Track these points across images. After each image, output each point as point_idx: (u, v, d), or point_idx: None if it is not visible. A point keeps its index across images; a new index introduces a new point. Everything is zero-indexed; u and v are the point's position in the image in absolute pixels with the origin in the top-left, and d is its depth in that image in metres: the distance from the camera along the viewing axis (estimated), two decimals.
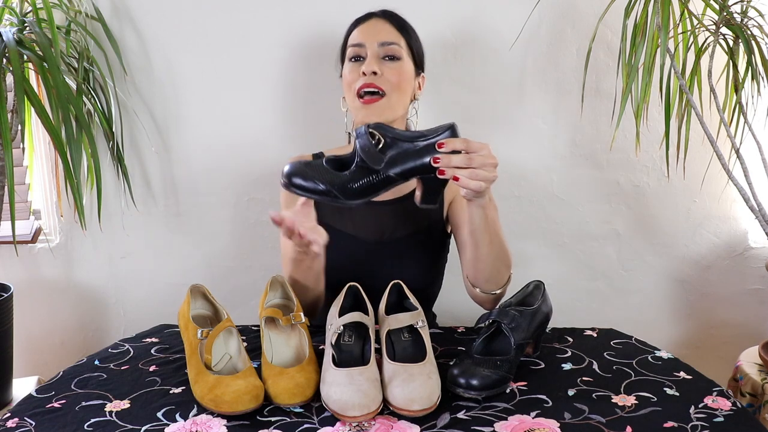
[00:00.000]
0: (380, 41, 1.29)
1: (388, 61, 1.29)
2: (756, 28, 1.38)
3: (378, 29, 1.32)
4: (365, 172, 0.94)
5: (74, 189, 1.42)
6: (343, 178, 0.94)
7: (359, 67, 1.29)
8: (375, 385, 0.93)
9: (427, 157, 0.94)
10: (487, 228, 1.09)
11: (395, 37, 1.31)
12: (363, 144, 0.93)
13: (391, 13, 1.36)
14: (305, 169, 0.94)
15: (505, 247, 1.15)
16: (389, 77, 1.28)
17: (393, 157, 0.93)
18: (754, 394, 1.42)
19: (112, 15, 1.59)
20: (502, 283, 1.19)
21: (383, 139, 0.93)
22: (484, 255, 1.13)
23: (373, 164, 0.93)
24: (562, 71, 1.62)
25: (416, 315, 1.04)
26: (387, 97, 1.28)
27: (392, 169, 0.94)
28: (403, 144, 0.94)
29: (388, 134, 0.94)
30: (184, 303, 1.12)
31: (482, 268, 1.15)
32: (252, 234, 1.72)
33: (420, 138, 0.95)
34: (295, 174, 0.94)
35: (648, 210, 1.71)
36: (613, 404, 0.94)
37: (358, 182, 0.94)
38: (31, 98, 1.36)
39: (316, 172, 0.94)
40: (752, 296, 1.75)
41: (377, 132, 0.94)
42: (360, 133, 0.94)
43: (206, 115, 1.65)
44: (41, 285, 1.75)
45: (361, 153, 0.93)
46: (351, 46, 1.32)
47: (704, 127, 1.38)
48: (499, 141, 1.66)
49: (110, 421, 0.92)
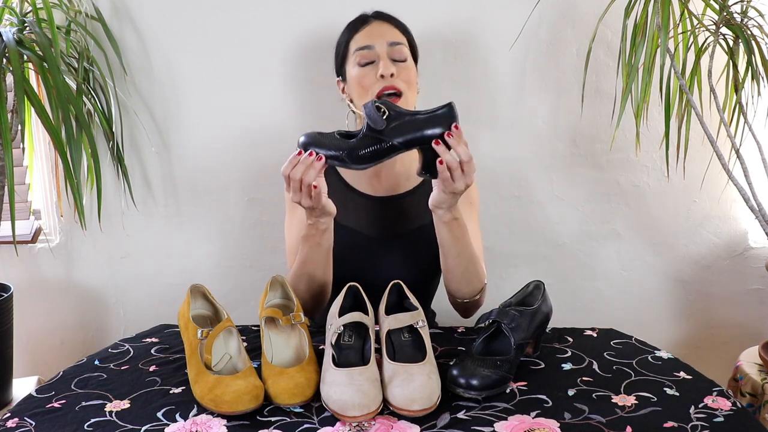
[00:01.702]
0: (389, 41, 1.31)
1: (398, 62, 1.31)
2: (756, 28, 1.38)
3: (382, 31, 1.33)
4: (371, 140, 1.06)
5: (74, 189, 1.42)
6: (351, 145, 1.06)
7: (372, 70, 1.30)
8: (375, 385, 0.93)
9: (426, 129, 1.06)
10: (453, 244, 1.18)
11: (400, 37, 1.33)
12: (369, 112, 1.05)
13: (385, 14, 1.37)
14: (319, 137, 1.08)
15: (476, 262, 1.23)
16: (403, 78, 1.30)
17: (396, 126, 1.06)
18: (754, 394, 1.42)
19: (112, 15, 1.59)
20: (473, 294, 1.26)
21: (388, 112, 1.06)
22: (451, 266, 1.22)
23: (381, 131, 1.05)
24: (562, 71, 1.62)
25: (416, 315, 1.04)
26: (404, 97, 1.31)
27: (396, 138, 1.06)
28: (405, 116, 1.07)
29: (392, 108, 1.07)
30: (184, 303, 1.12)
31: (450, 277, 1.25)
32: (252, 234, 1.72)
33: (421, 113, 1.08)
34: (309, 142, 1.07)
35: (648, 210, 1.71)
36: (613, 404, 0.94)
37: (364, 149, 1.06)
38: (31, 98, 1.36)
39: (328, 139, 1.07)
40: (752, 296, 1.74)
41: (383, 106, 1.07)
42: (367, 106, 1.07)
43: (206, 115, 1.65)
44: (41, 285, 1.75)
45: (368, 120, 1.05)
46: (358, 50, 1.31)
47: (704, 127, 1.38)
48: (499, 141, 1.66)
49: (110, 421, 0.92)
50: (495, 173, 1.67)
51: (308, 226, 1.17)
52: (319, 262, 1.21)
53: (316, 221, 1.16)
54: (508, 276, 1.73)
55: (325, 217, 1.15)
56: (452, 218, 1.15)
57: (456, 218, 1.15)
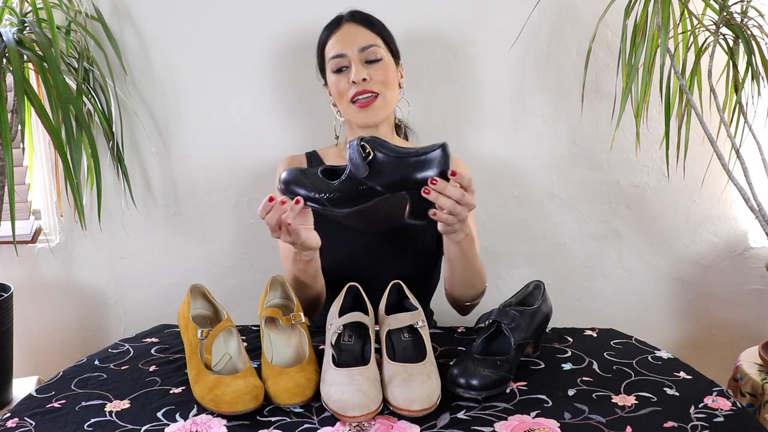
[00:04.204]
0: (359, 47, 1.31)
1: (371, 64, 1.31)
2: (756, 28, 1.38)
3: (353, 35, 1.33)
4: (353, 183, 0.97)
5: (74, 189, 1.42)
6: (332, 187, 0.98)
7: (346, 76, 1.31)
8: (375, 385, 0.93)
9: (415, 173, 0.96)
10: (461, 258, 1.19)
11: (371, 38, 1.33)
12: (351, 155, 0.97)
13: (359, 12, 1.37)
14: (300, 177, 1.00)
15: (479, 270, 1.26)
16: (378, 78, 1.31)
17: (380, 169, 0.96)
18: (754, 394, 1.42)
19: (112, 15, 1.59)
20: (476, 297, 1.30)
21: (373, 152, 0.96)
22: (458, 278, 1.25)
23: (361, 174, 0.96)
24: (562, 71, 1.62)
25: (416, 315, 1.04)
26: (381, 96, 1.32)
27: (378, 181, 0.97)
28: (392, 158, 0.96)
29: (379, 148, 0.97)
30: (184, 303, 1.12)
31: (455, 286, 1.27)
32: (252, 234, 1.72)
33: (411, 155, 0.97)
34: (290, 181, 1.01)
35: (648, 210, 1.71)
36: (613, 404, 0.94)
37: (345, 192, 0.98)
38: (31, 98, 1.36)
39: (310, 180, 0.99)
40: (752, 296, 1.74)
41: (368, 145, 0.97)
42: (351, 145, 0.97)
43: (206, 115, 1.65)
44: (41, 285, 1.75)
45: (350, 163, 0.97)
46: (332, 59, 1.33)
47: (704, 127, 1.38)
48: (499, 141, 1.66)
49: (110, 421, 0.92)
50: (495, 173, 1.67)
51: (293, 253, 1.18)
52: (308, 279, 1.22)
53: (299, 252, 1.16)
54: (508, 276, 1.73)
55: (307, 251, 1.15)
56: (464, 236, 1.13)
57: (467, 234, 1.14)
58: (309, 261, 1.18)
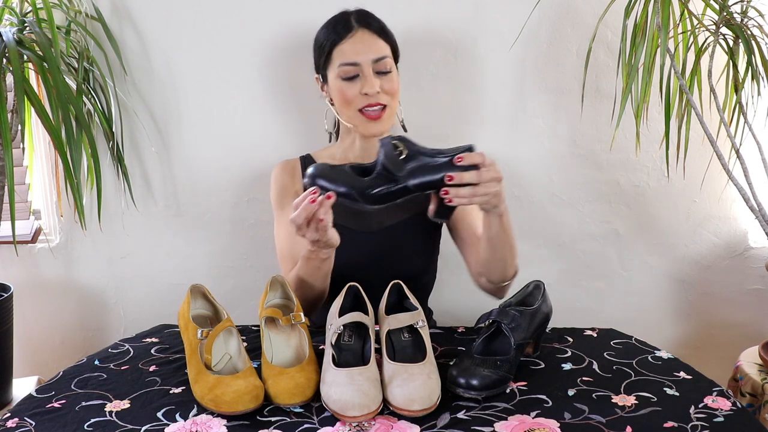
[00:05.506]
0: (374, 58, 1.30)
1: (382, 75, 1.31)
2: (756, 28, 1.38)
3: (368, 45, 1.31)
4: (385, 180, 0.98)
5: (74, 189, 1.42)
6: (364, 183, 0.98)
7: (356, 86, 1.30)
8: (375, 385, 0.93)
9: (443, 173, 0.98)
10: (503, 233, 1.15)
11: (384, 49, 1.32)
12: (387, 152, 0.98)
13: (371, 18, 1.34)
14: (329, 171, 0.99)
15: (515, 242, 1.20)
16: (387, 90, 1.31)
17: (413, 168, 0.98)
18: (754, 394, 1.42)
19: (112, 15, 1.59)
20: (512, 274, 1.26)
21: (405, 151, 0.98)
22: (499, 258, 1.20)
23: (396, 172, 0.97)
24: (562, 71, 1.62)
25: (416, 315, 1.04)
26: (389, 107, 1.32)
27: (411, 180, 0.98)
28: (423, 158, 0.98)
29: (410, 147, 0.99)
30: (184, 303, 1.12)
31: (495, 267, 1.22)
32: (252, 234, 1.72)
33: (440, 155, 0.99)
34: (319, 175, 0.99)
35: (648, 210, 1.71)
36: (613, 404, 0.94)
37: (377, 188, 0.98)
38: (31, 98, 1.36)
39: (339, 175, 0.99)
40: (752, 296, 1.74)
41: (401, 144, 0.98)
42: (385, 143, 0.99)
43: (206, 115, 1.65)
44: (41, 285, 1.75)
45: (385, 161, 0.98)
46: (342, 65, 1.30)
47: (704, 127, 1.38)
48: (499, 141, 1.66)
49: (110, 421, 0.92)
50: None
51: (309, 251, 1.16)
52: (318, 279, 1.22)
53: (318, 251, 1.14)
54: None
55: (327, 248, 1.14)
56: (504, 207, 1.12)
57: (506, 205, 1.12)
58: (325, 259, 1.17)
